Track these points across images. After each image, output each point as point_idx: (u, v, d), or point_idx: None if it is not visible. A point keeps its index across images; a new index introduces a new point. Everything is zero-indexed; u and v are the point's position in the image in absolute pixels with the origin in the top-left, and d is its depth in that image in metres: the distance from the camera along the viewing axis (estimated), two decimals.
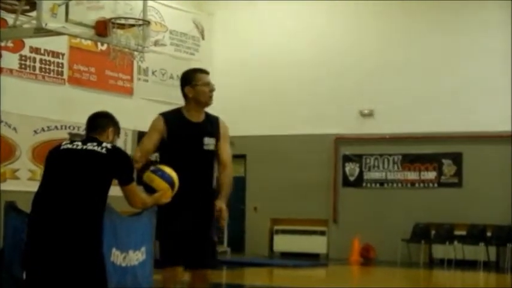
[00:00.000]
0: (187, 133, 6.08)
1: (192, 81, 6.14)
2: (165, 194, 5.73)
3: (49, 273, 5.37)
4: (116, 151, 5.59)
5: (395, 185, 19.36)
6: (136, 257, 5.63)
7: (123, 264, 5.50)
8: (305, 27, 20.25)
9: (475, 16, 18.74)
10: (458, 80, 18.69)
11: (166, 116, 6.14)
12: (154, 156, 6.21)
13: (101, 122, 5.81)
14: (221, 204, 5.94)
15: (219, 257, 18.59)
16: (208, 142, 6.13)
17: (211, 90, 6.16)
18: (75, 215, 5.36)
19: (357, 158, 19.71)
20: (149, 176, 5.77)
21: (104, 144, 5.57)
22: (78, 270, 5.33)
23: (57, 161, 5.60)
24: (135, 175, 5.74)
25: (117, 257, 5.44)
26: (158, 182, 5.77)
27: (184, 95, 6.16)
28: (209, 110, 6.30)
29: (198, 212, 6.07)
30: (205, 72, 6.25)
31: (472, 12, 18.76)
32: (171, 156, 5.96)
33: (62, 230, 5.35)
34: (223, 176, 6.04)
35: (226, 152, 6.19)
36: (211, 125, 6.19)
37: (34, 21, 10.63)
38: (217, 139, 6.18)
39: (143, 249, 5.68)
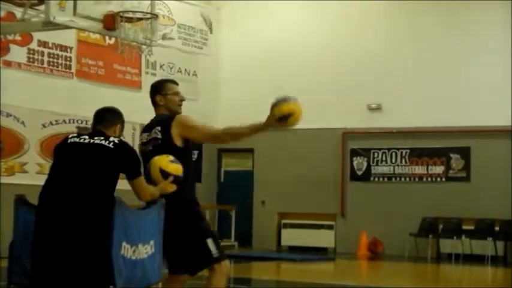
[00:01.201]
0: None
1: (163, 90, 6.33)
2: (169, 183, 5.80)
3: (55, 266, 5.38)
4: (123, 145, 5.59)
5: (403, 179, 19.35)
6: (145, 250, 5.64)
7: (133, 258, 5.50)
8: (313, 21, 20.24)
9: (480, 14, 18.73)
10: (466, 75, 18.67)
11: None
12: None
13: (109, 117, 5.82)
14: None
15: (226, 251, 18.70)
16: None
17: (181, 99, 6.35)
18: (81, 208, 5.36)
19: (365, 152, 19.70)
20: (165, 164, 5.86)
21: (111, 139, 5.58)
22: (84, 264, 5.34)
23: (64, 154, 5.60)
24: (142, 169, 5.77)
25: (127, 250, 5.44)
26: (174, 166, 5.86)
27: (155, 104, 6.34)
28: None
29: None
30: (175, 82, 6.46)
31: (477, 10, 18.74)
32: (188, 157, 6.06)
33: (68, 223, 5.36)
34: None
35: None
36: None
37: (42, 15, 10.64)
38: None
39: (152, 242, 5.69)
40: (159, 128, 6.06)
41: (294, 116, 5.87)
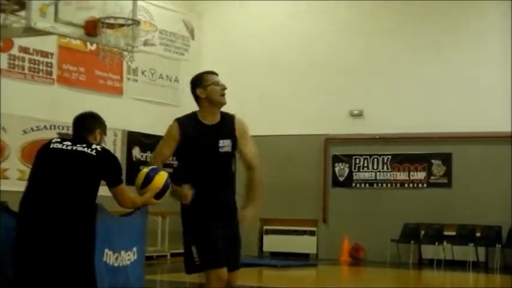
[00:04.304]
0: (202, 136, 6.03)
1: (203, 82, 6.15)
2: (153, 194, 5.72)
3: (38, 272, 5.35)
4: (104, 153, 5.58)
5: (384, 185, 19.38)
6: (128, 257, 5.62)
7: (116, 264, 5.48)
8: (295, 27, 20.25)
9: (465, 17, 18.78)
10: (448, 81, 18.72)
11: (181, 120, 6.11)
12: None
13: (88, 124, 5.79)
14: (246, 213, 6.16)
15: None
16: (224, 144, 6.12)
17: (223, 88, 6.16)
18: (63, 214, 5.34)
19: (347, 158, 19.72)
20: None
21: (94, 146, 5.57)
22: (66, 270, 5.31)
23: (47, 160, 5.58)
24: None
25: (109, 257, 5.42)
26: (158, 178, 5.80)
27: (197, 98, 6.17)
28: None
29: (221, 214, 6.09)
30: (214, 73, 6.27)
31: (462, 13, 18.79)
32: (189, 160, 5.95)
33: (50, 230, 5.33)
34: (249, 181, 6.11)
35: (249, 153, 6.31)
36: (227, 126, 6.17)
37: (23, 21, 10.60)
38: (235, 139, 6.18)
39: (135, 249, 5.68)
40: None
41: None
